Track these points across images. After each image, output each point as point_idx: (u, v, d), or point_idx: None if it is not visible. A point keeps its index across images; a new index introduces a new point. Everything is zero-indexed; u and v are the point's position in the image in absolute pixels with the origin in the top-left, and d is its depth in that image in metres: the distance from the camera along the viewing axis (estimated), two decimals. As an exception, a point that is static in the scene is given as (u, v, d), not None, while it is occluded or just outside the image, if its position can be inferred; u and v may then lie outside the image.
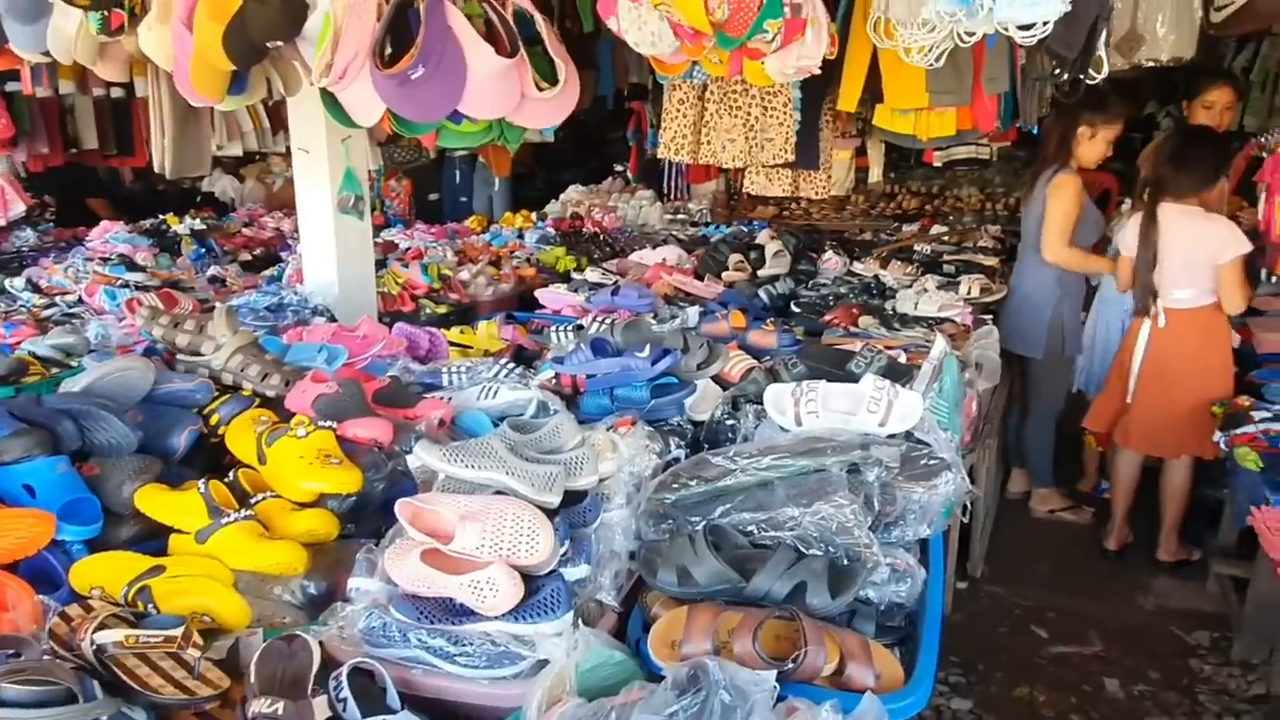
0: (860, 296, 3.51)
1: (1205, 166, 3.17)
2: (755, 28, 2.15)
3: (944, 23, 2.09)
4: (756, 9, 2.13)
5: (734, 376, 2.19)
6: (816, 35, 2.27)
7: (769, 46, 2.22)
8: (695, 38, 2.21)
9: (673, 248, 4.43)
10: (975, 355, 2.78)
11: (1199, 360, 3.21)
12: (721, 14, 2.13)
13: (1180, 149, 3.20)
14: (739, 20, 2.14)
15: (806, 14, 2.21)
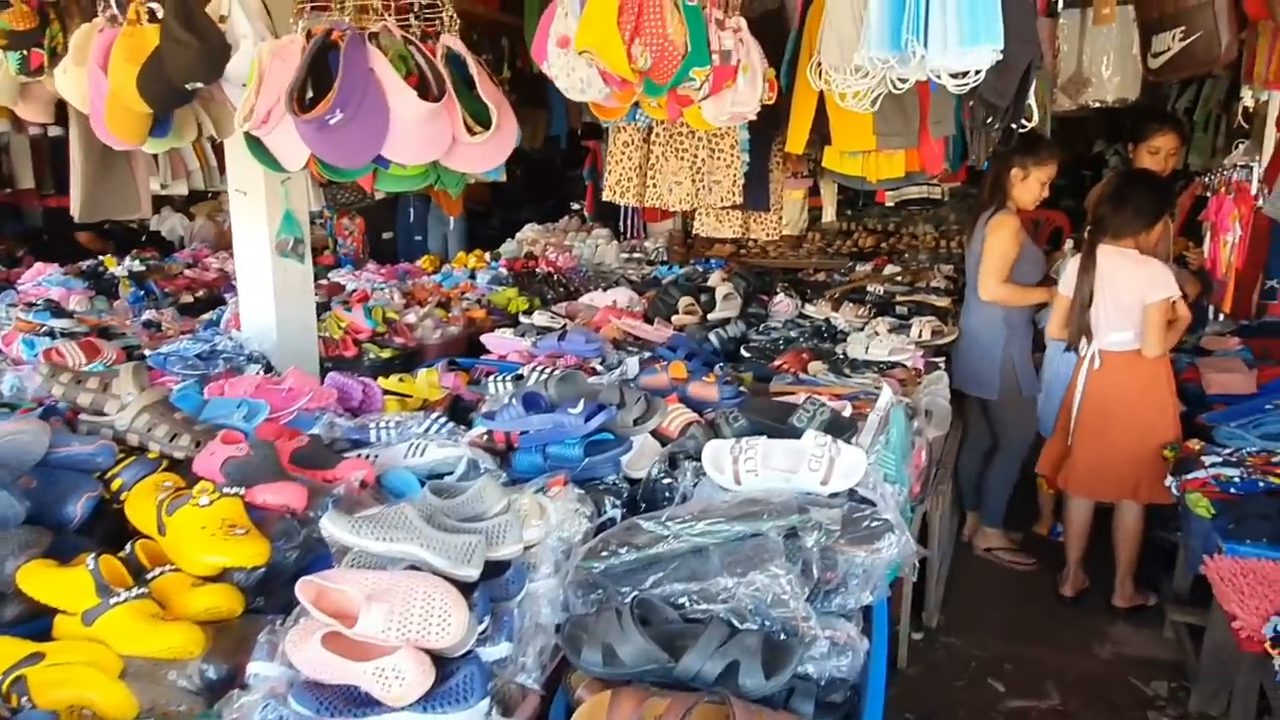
0: (811, 340, 3.46)
1: (1144, 208, 3.18)
2: (680, 75, 2.10)
3: (876, 69, 2.05)
4: (680, 57, 2.08)
5: (673, 431, 2.10)
6: (751, 82, 2.22)
7: (698, 93, 2.17)
8: (624, 85, 2.16)
9: (624, 290, 4.36)
10: (925, 402, 2.73)
11: (1138, 403, 3.19)
12: (644, 62, 2.08)
13: (1120, 190, 3.21)
14: (662, 68, 2.09)
15: (738, 60, 2.17)
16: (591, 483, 1.95)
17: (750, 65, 2.23)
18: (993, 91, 2.20)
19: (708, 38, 2.13)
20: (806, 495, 1.80)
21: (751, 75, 2.23)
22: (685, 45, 2.08)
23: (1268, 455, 2.81)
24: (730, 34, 2.16)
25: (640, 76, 2.13)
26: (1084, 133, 8.28)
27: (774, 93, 2.27)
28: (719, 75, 2.15)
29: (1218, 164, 6.11)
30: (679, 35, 2.07)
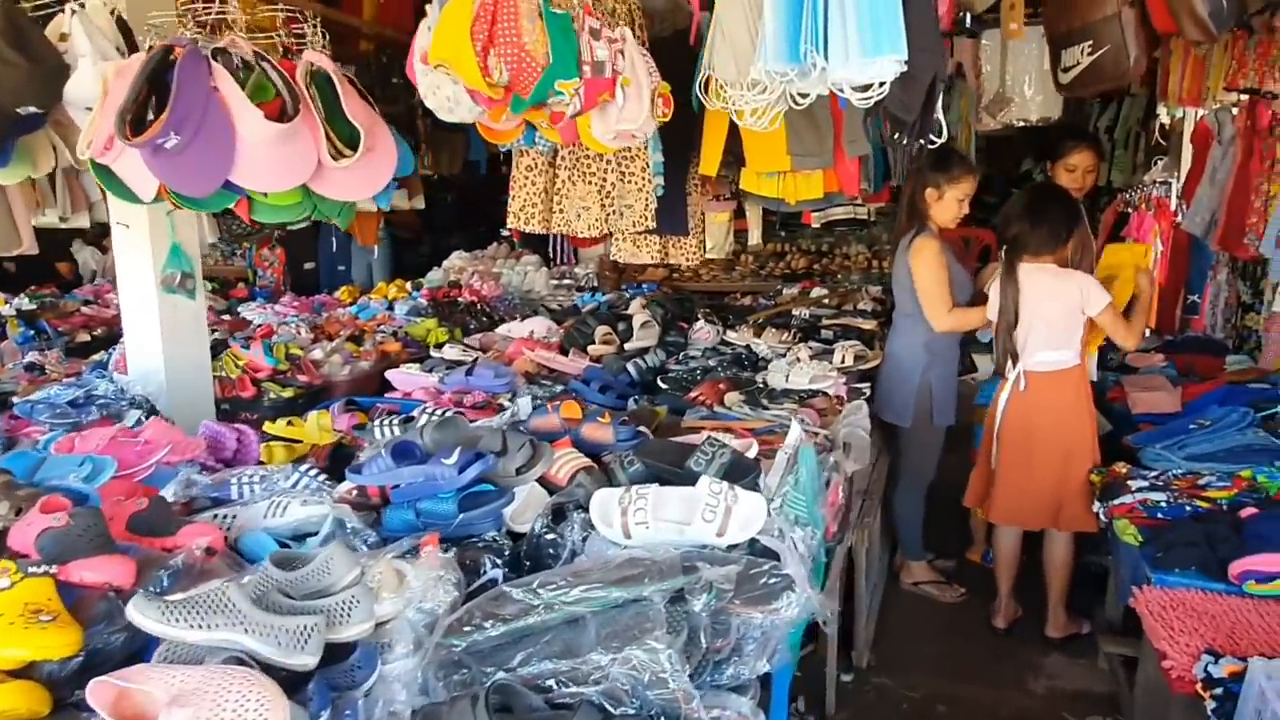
0: (730, 369, 3.31)
1: (1059, 224, 3.10)
2: (541, 88, 1.94)
3: (775, 84, 1.92)
4: (539, 69, 1.93)
5: (561, 479, 1.92)
6: (636, 97, 2.07)
7: (568, 108, 2.01)
8: (491, 101, 1.99)
9: (542, 320, 4.18)
10: (844, 434, 2.59)
11: (1061, 425, 3.09)
12: (500, 76, 1.92)
13: (1032, 208, 3.12)
14: (521, 82, 1.94)
15: (615, 73, 2.01)
16: (469, 541, 1.76)
17: (634, 79, 2.07)
18: (898, 105, 2.09)
19: (577, 48, 1.97)
20: (701, 549, 1.64)
21: (636, 90, 2.07)
22: (546, 56, 1.92)
23: (1194, 477, 2.73)
24: (605, 44, 2.00)
25: (504, 92, 1.97)
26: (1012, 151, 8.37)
27: (668, 109, 2.11)
28: (591, 89, 1.99)
29: (1138, 181, 6.19)
30: (538, 46, 1.91)
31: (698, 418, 2.74)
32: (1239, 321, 4.34)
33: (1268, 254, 3.57)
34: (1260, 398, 3.19)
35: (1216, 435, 2.86)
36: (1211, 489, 2.65)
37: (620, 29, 2.09)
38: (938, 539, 3.77)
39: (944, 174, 3.29)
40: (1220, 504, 2.59)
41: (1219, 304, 4.59)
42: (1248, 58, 3.74)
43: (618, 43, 2.03)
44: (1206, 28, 2.27)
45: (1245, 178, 3.87)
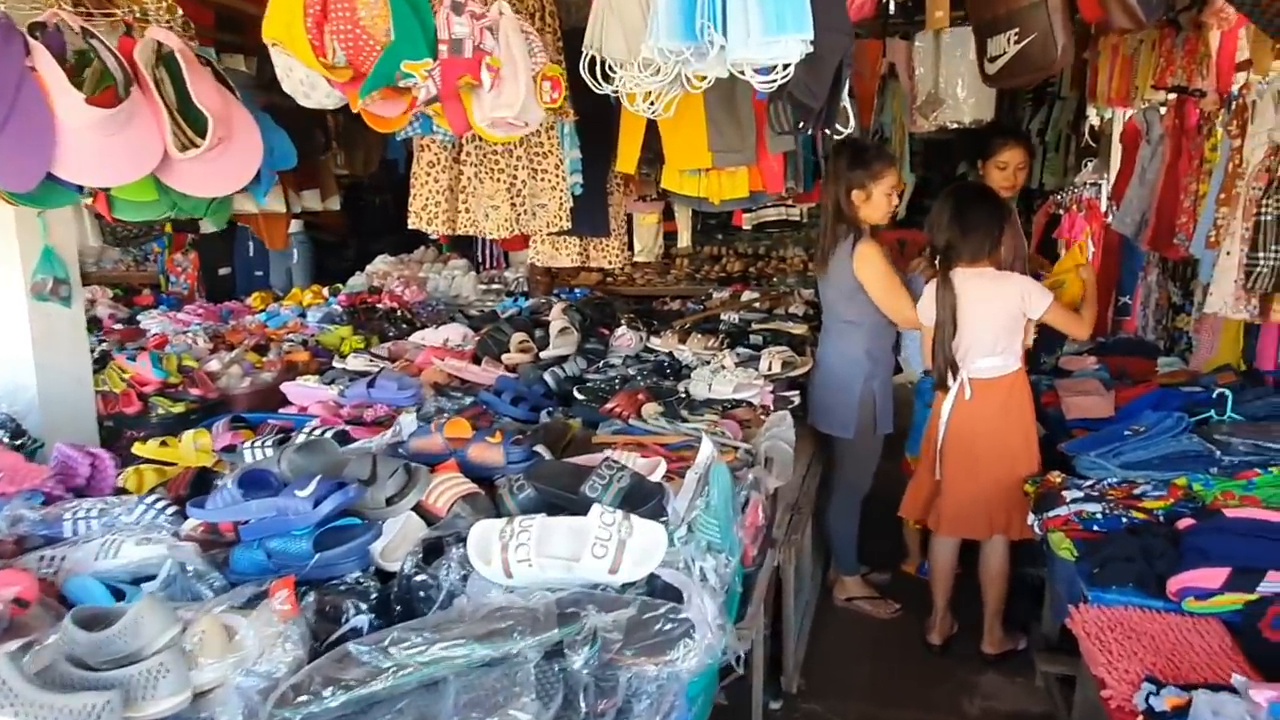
0: (651, 378, 3.12)
1: (989, 227, 2.98)
2: (384, 69, 1.72)
3: (669, 64, 1.73)
4: (379, 47, 1.71)
5: (440, 509, 1.71)
6: (512, 79, 1.86)
7: (420, 91, 1.79)
8: (347, 85, 1.77)
9: (457, 326, 3.95)
10: (765, 448, 2.42)
11: (1002, 432, 2.98)
12: (335, 56, 1.70)
13: (961, 213, 2.98)
14: (359, 61, 1.72)
15: (482, 53, 1.79)
16: (331, 584, 1.54)
17: (509, 61, 1.85)
18: (804, 90, 1.92)
19: (431, 24, 1.74)
20: (591, 590, 1.44)
21: (512, 72, 1.86)
22: (388, 33, 1.71)
23: (1129, 487, 2.61)
24: (467, 20, 1.77)
25: (349, 73, 1.74)
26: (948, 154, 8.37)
27: (558, 93, 1.89)
28: (449, 70, 1.77)
29: (1069, 182, 6.18)
30: (378, 21, 1.69)
31: (611, 431, 2.54)
32: (1170, 323, 4.30)
33: (1197, 255, 3.51)
34: (1193, 401, 3.11)
35: (1152, 442, 2.75)
36: (1147, 499, 2.54)
37: (497, 3, 1.86)
38: (871, 551, 3.64)
39: (865, 171, 3.14)
40: (1157, 515, 2.48)
41: (1150, 305, 4.55)
42: (1176, 55, 3.68)
43: (484, 18, 1.79)
44: (1135, 14, 2.15)
45: (1174, 177, 3.82)
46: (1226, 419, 2.94)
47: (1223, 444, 2.73)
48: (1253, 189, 3.02)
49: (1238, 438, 2.73)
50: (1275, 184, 2.92)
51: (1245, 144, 3.18)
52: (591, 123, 3.27)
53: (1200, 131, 3.64)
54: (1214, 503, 2.53)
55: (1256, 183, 3.00)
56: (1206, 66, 3.40)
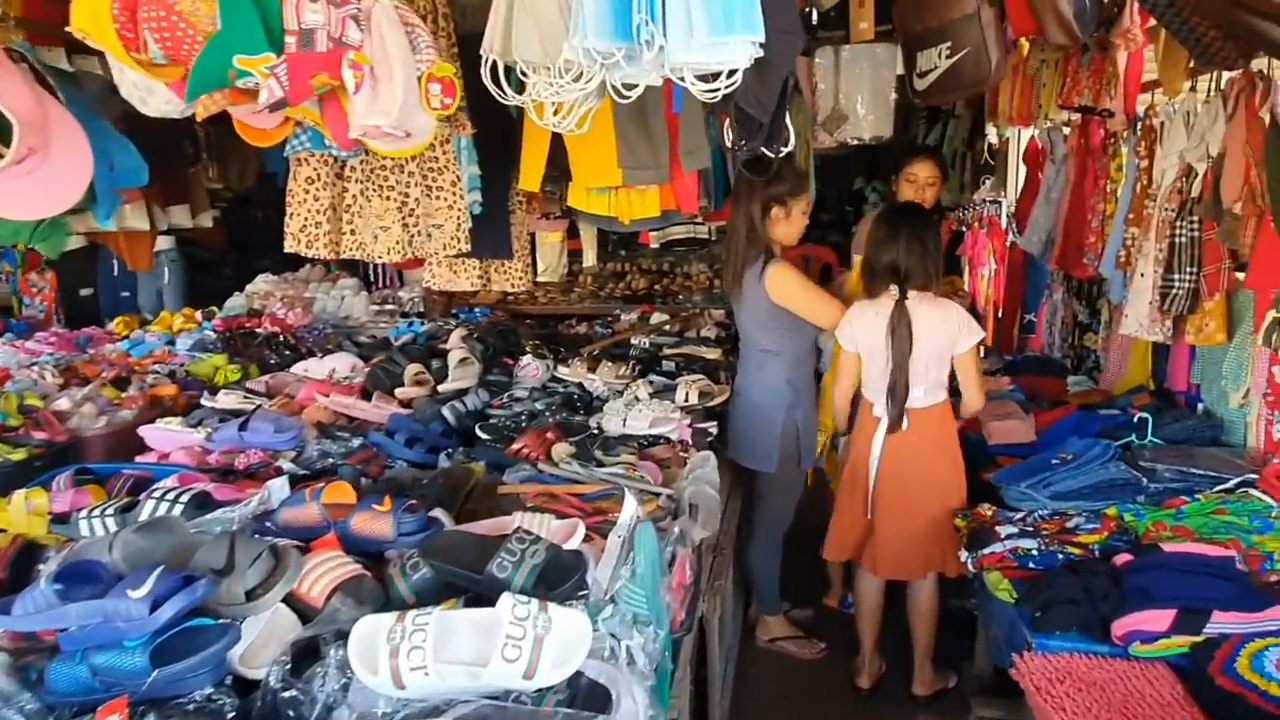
0: (561, 412, 2.88)
1: (937, 249, 2.84)
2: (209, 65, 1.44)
3: (594, 68, 1.50)
4: (199, 38, 1.43)
5: (315, 599, 1.43)
6: (387, 80, 1.58)
7: (263, 93, 1.51)
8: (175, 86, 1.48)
9: (345, 356, 3.61)
10: (689, 493, 2.21)
11: (936, 464, 2.86)
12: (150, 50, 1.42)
13: (912, 234, 2.79)
14: (178, 55, 1.44)
15: (344, 48, 1.52)
16: (175, 704, 1.24)
17: (382, 58, 1.58)
18: (751, 101, 1.72)
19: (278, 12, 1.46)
20: (500, 704, 1.19)
21: (387, 72, 1.59)
22: (214, 22, 1.43)
23: (1061, 519, 2.52)
24: (324, 9, 1.48)
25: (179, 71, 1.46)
26: (845, 170, 8.43)
27: (451, 97, 1.63)
28: (298, 67, 1.49)
29: (967, 199, 6.25)
30: (200, 9, 1.42)
31: (519, 479, 2.29)
32: (1077, 341, 4.31)
33: (1107, 274, 3.50)
34: (1113, 424, 3.07)
35: (1080, 471, 2.67)
36: (1082, 532, 2.45)
37: (371, -8, 1.58)
38: (792, 585, 3.47)
39: (786, 190, 2.96)
40: (1093, 549, 2.38)
41: (1056, 323, 4.58)
42: (1081, 75, 3.68)
43: (346, 5, 1.50)
44: (1071, 30, 2.05)
45: (1080, 197, 3.82)
46: (1148, 443, 2.90)
47: (1148, 470, 2.68)
48: (1165, 210, 3.00)
49: (1162, 464, 2.68)
50: (1188, 205, 2.90)
51: (1155, 165, 3.17)
52: (491, 137, 3.02)
53: (1105, 151, 3.64)
54: (1147, 534, 2.46)
55: (1169, 204, 2.99)
56: (1114, 87, 3.39)
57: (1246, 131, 2.61)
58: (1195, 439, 2.93)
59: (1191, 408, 3.23)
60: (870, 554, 2.91)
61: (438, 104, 1.59)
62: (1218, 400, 3.02)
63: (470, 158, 3.01)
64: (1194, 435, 2.94)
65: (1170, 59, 3.02)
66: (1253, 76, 2.65)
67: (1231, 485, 2.59)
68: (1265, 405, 2.75)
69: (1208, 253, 2.88)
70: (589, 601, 1.51)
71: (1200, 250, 2.89)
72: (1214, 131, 2.78)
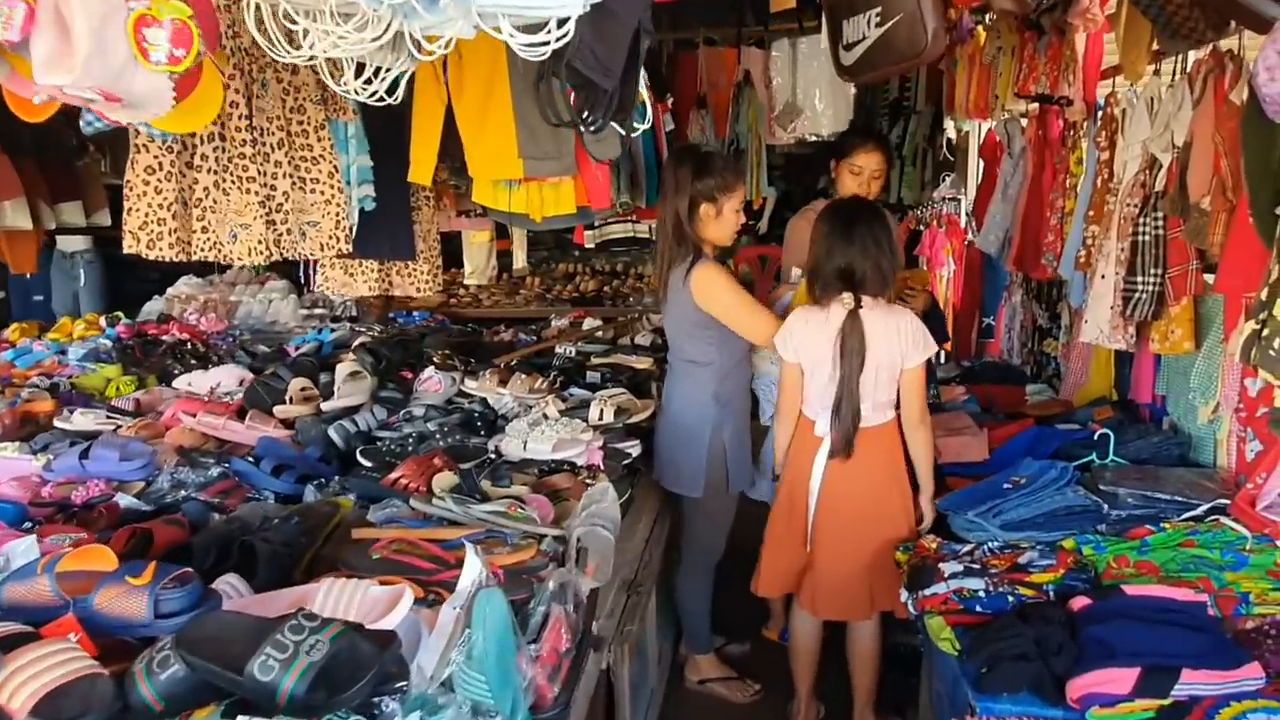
0: (457, 434, 2.54)
1: (892, 250, 2.51)
2: None
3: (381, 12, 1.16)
4: None
5: (17, 712, 1.09)
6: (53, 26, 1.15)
7: None
8: None
9: (232, 369, 3.26)
10: (578, 534, 1.89)
11: (883, 490, 2.55)
12: None
13: (866, 233, 2.45)
14: None
15: None
16: None
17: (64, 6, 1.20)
18: (590, 62, 1.39)
19: None
20: None
21: (51, 15, 1.19)
22: None
23: (1013, 554, 2.23)
24: None
25: None
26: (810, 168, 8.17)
27: (185, 49, 1.25)
28: None
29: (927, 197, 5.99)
30: None
31: (382, 519, 1.96)
32: (1036, 347, 4.05)
33: (1066, 275, 3.23)
34: (1072, 440, 2.79)
35: (1034, 497, 2.38)
36: (1034, 570, 2.16)
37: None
38: (728, 615, 3.17)
39: (717, 184, 2.64)
40: (1047, 590, 2.10)
41: (1015, 328, 4.31)
42: (1038, 61, 3.41)
43: None
44: (1017, -5, 1.76)
45: (1038, 193, 3.56)
46: (1110, 463, 2.63)
47: (1109, 495, 2.40)
48: (1127, 205, 2.73)
49: (1124, 487, 2.40)
50: (1152, 200, 2.63)
51: (1116, 156, 2.90)
52: (385, 123, 2.70)
53: (1064, 144, 3.38)
54: (1108, 571, 2.18)
55: (1131, 199, 2.72)
56: (1073, 72, 3.12)
57: (1215, 117, 2.34)
58: (1161, 457, 2.66)
59: (1157, 421, 2.97)
60: (809, 591, 2.59)
61: (161, 57, 1.21)
62: (1185, 414, 2.75)
63: (360, 147, 2.69)
64: (1159, 453, 2.67)
65: (1132, 38, 2.75)
66: (1222, 57, 2.39)
67: (1201, 512, 2.32)
68: (1237, 421, 2.48)
69: (1173, 252, 2.61)
70: (406, 697, 1.19)
71: (1165, 250, 2.62)
72: (1179, 118, 2.51)
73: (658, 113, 3.68)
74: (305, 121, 2.43)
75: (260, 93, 2.34)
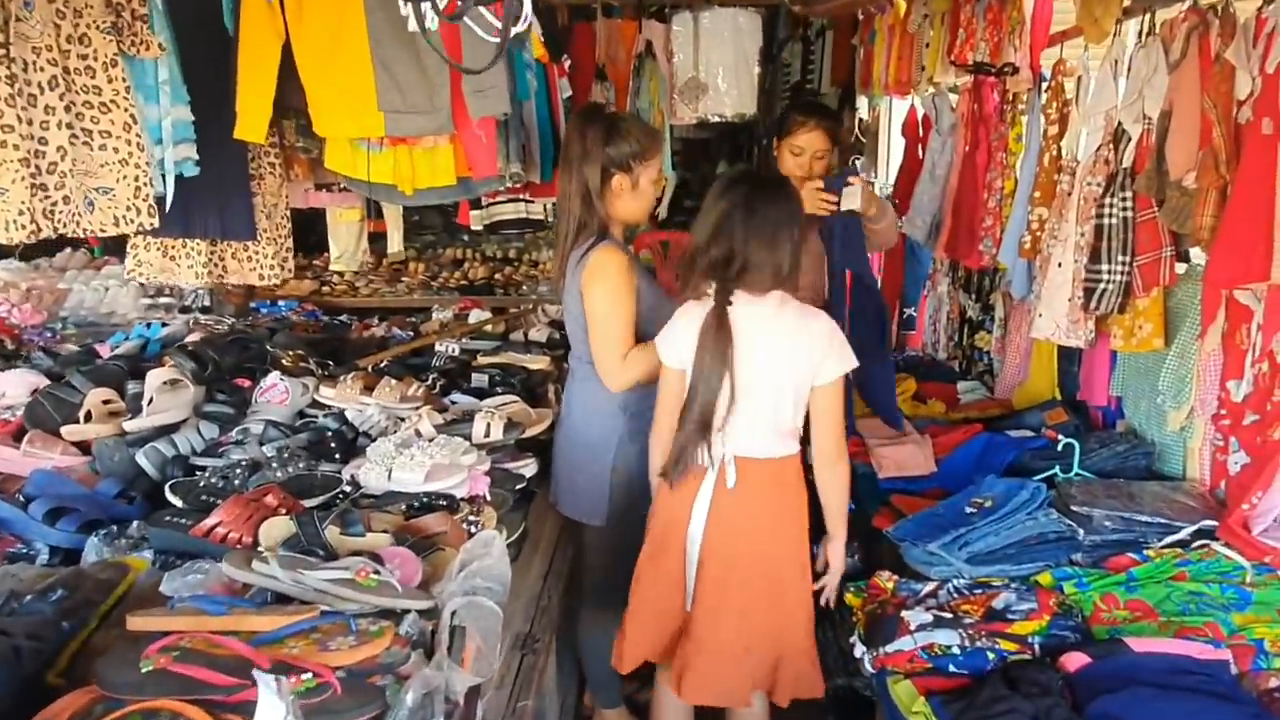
0: (303, 460, 2.00)
1: (795, 235, 1.97)
2: None
3: None
4: None
5: None
6: None
7: None
8: None
9: (24, 375, 2.59)
10: (452, 608, 1.41)
11: (777, 537, 2.01)
12: None
13: (755, 209, 1.95)
14: None
15: None
16: None
17: None
18: None
19: None
20: None
21: None
22: None
23: (985, 596, 1.87)
24: None
25: None
26: (707, 153, 7.83)
27: None
28: None
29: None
30: None
31: (177, 593, 1.43)
32: (965, 341, 3.75)
33: (1008, 262, 2.91)
34: (1030, 450, 2.47)
35: (1003, 524, 2.03)
36: (1014, 616, 1.80)
37: None
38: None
39: (632, 149, 2.17)
40: (1031, 642, 1.74)
41: (940, 320, 4.03)
42: (977, 27, 3.09)
43: None
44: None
45: (972, 173, 3.23)
46: (1075, 477, 2.31)
47: (1083, 517, 2.07)
48: (1088, 185, 2.41)
49: (1098, 508, 2.08)
50: (1122, 178, 2.32)
51: (1068, 130, 2.59)
52: (212, 68, 2.14)
53: (1003, 119, 3.06)
54: (1096, 614, 1.84)
55: (1093, 176, 2.40)
56: (1019, 36, 2.80)
57: (1203, 80, 2.03)
58: (1128, 469, 2.37)
59: (1110, 425, 2.69)
60: (679, 663, 2.01)
61: None
62: (1146, 419, 2.46)
63: (176, 96, 2.11)
64: (1126, 464, 2.37)
65: (1097, -3, 2.42)
66: (1204, 12, 2.08)
67: (1186, 536, 2.02)
68: (1215, 430, 2.19)
69: (1142, 238, 2.31)
70: None
71: (1134, 234, 2.31)
72: (1154, 84, 2.19)
73: (552, 74, 3.18)
74: (90, 56, 1.85)
75: (21, 13, 1.75)
